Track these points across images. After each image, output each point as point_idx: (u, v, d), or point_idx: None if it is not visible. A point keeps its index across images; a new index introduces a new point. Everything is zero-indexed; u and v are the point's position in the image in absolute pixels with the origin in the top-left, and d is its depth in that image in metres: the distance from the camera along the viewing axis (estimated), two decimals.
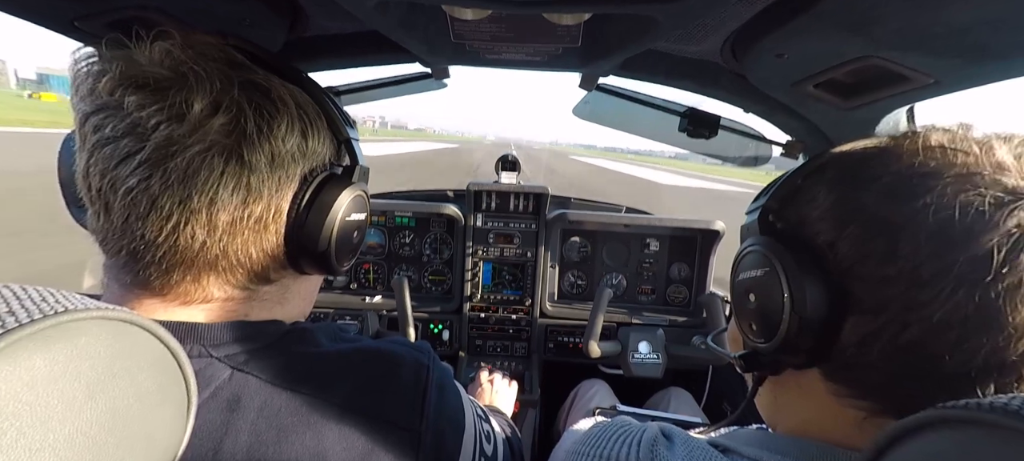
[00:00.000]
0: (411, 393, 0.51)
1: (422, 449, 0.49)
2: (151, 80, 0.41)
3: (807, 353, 0.40)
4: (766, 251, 0.42)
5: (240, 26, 0.69)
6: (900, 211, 0.35)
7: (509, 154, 1.75)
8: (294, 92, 0.48)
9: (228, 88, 0.43)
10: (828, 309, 0.38)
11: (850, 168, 0.40)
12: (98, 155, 0.42)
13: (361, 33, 0.87)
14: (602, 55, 0.80)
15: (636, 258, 1.81)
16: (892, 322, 0.35)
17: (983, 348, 0.32)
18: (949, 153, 0.35)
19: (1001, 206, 0.32)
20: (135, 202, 0.42)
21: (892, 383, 0.37)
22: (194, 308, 0.47)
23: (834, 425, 0.41)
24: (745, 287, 0.46)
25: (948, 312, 0.32)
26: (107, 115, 0.41)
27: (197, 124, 0.41)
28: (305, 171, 0.49)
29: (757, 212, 0.46)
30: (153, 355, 0.32)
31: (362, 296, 1.73)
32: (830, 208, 0.39)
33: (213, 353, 0.45)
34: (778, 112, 0.94)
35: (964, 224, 0.32)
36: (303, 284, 0.57)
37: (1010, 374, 0.32)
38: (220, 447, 0.42)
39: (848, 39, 0.61)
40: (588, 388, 1.44)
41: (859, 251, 0.37)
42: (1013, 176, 0.33)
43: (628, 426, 0.51)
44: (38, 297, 0.27)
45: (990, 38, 0.53)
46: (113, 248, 0.45)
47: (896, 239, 0.34)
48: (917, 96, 0.70)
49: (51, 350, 0.26)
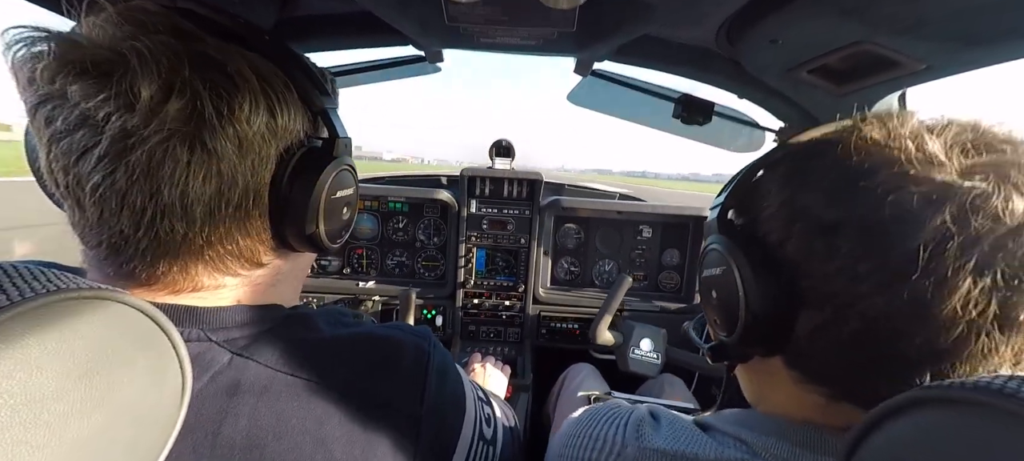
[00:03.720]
0: (411, 377, 0.51)
1: (422, 432, 0.49)
2: (90, 64, 0.37)
3: (765, 345, 0.43)
4: (723, 250, 0.44)
5: (230, 3, 0.68)
6: (838, 211, 0.37)
7: (503, 140, 1.74)
8: (256, 62, 0.43)
9: (178, 67, 0.38)
10: (780, 304, 0.40)
11: (797, 166, 0.42)
12: (56, 150, 0.39)
13: (354, 13, 0.86)
14: (597, 40, 0.80)
15: (629, 245, 1.82)
16: (837, 315, 0.37)
17: (917, 337, 0.34)
18: (883, 149, 0.37)
19: (929, 203, 0.33)
20: (104, 198, 0.39)
21: (843, 371, 0.39)
22: (184, 297, 0.45)
23: (801, 407, 0.43)
24: (708, 284, 0.48)
25: (883, 306, 0.34)
26: (54, 106, 0.38)
27: (150, 112, 0.37)
28: (280, 150, 0.45)
29: (718, 209, 0.48)
30: (147, 336, 0.31)
31: (355, 280, 1.73)
32: (779, 208, 0.41)
33: (212, 337, 0.44)
34: (772, 98, 0.94)
35: (895, 222, 0.34)
36: (295, 262, 0.55)
37: (944, 361, 0.34)
38: (219, 432, 0.41)
39: (841, 24, 0.61)
40: (577, 372, 1.45)
41: (804, 249, 0.39)
42: (945, 170, 0.34)
43: (618, 408, 0.53)
44: (30, 276, 0.27)
45: (980, 23, 0.53)
46: (92, 241, 0.43)
47: (835, 237, 0.36)
48: (909, 81, 0.71)
49: (43, 329, 0.25)
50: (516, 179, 1.69)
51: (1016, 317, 0.33)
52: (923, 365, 0.35)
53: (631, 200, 1.83)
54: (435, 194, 1.70)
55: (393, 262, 1.81)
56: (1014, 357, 0.34)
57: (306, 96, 0.47)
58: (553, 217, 1.77)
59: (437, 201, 1.73)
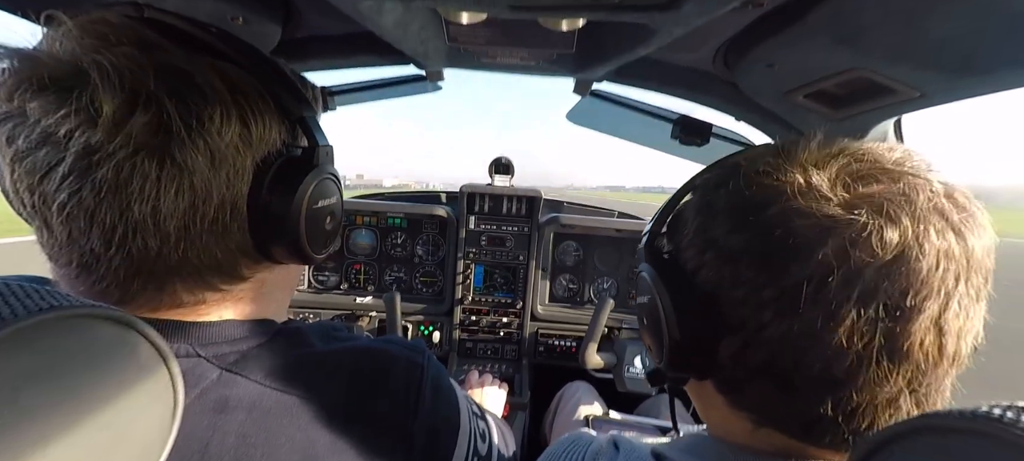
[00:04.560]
0: (404, 392, 0.50)
1: (415, 448, 0.48)
2: (49, 80, 0.35)
3: (692, 370, 0.43)
4: (648, 278, 0.45)
5: (231, 25, 0.69)
6: (739, 240, 0.38)
7: (503, 157, 1.75)
8: (227, 71, 0.41)
9: (142, 79, 0.37)
10: (700, 331, 0.40)
11: (706, 196, 0.43)
12: (19, 170, 0.38)
13: (355, 33, 0.87)
14: (596, 61, 0.81)
15: (628, 263, 1.81)
16: (748, 342, 0.37)
17: (815, 365, 0.34)
18: (774, 181, 0.37)
19: (814, 237, 0.34)
20: (72, 217, 0.38)
21: (760, 396, 0.40)
22: (164, 313, 0.44)
23: (735, 430, 0.43)
24: (640, 311, 0.49)
25: (782, 335, 0.35)
26: (15, 124, 0.37)
27: (114, 127, 0.36)
28: (257, 160, 0.43)
29: (647, 237, 0.48)
30: (140, 354, 0.31)
31: (353, 296, 1.72)
32: (693, 236, 0.42)
33: (201, 352, 0.44)
34: (769, 121, 0.95)
35: (783, 253, 0.35)
36: (280, 274, 0.53)
37: (842, 389, 0.35)
38: (207, 449, 0.40)
39: (837, 51, 0.62)
40: (573, 391, 1.44)
41: (716, 277, 0.39)
42: (829, 203, 0.35)
43: (579, 438, 0.54)
44: (23, 294, 0.27)
45: (973, 52, 0.54)
46: (62, 260, 0.41)
47: (739, 265, 0.37)
48: (904, 108, 0.72)
49: (36, 347, 0.25)
50: (515, 196, 1.69)
51: (900, 346, 0.33)
52: (825, 391, 0.35)
53: (631, 218, 1.84)
54: (434, 210, 1.71)
55: (391, 278, 1.80)
56: (908, 385, 0.35)
57: (283, 104, 0.45)
58: (552, 234, 1.77)
59: (436, 217, 1.73)
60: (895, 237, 0.32)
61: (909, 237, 0.32)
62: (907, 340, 0.33)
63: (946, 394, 0.37)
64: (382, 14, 0.61)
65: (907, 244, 0.32)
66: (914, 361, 0.34)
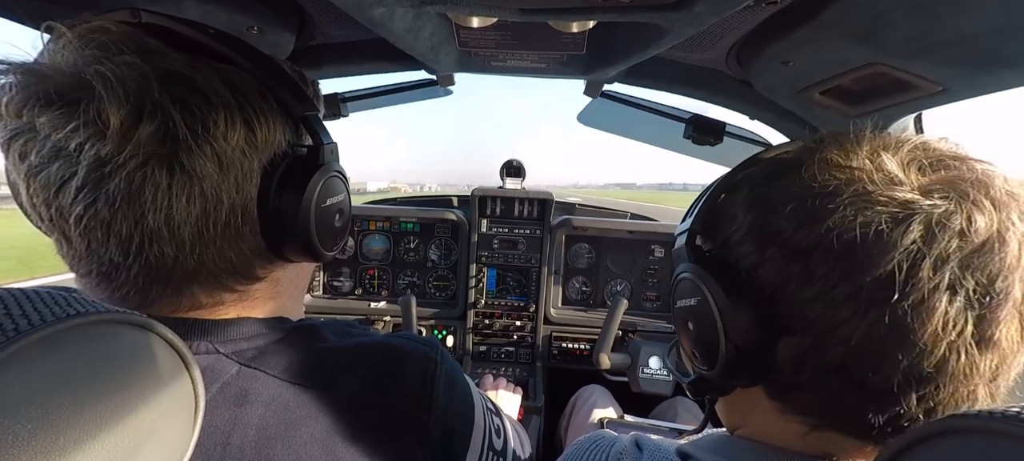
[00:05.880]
0: (418, 387, 0.50)
1: (431, 442, 0.49)
2: (55, 94, 0.36)
3: (748, 376, 0.41)
4: (696, 279, 0.42)
5: (246, 34, 0.70)
6: (809, 234, 0.35)
7: (514, 160, 1.75)
8: (229, 75, 0.42)
9: (146, 88, 0.37)
10: (760, 333, 0.38)
11: (761, 188, 0.41)
12: (34, 185, 0.38)
13: (368, 40, 0.88)
14: (607, 62, 0.80)
15: (641, 265, 1.80)
16: (818, 343, 0.35)
17: (901, 364, 0.33)
18: (843, 169, 0.36)
19: (897, 223, 0.32)
20: (89, 229, 0.38)
21: (828, 399, 0.38)
22: (183, 314, 0.45)
23: (781, 434, 0.42)
24: (682, 316, 0.46)
25: (864, 332, 0.33)
26: (26, 140, 0.37)
27: (122, 138, 0.36)
28: (263, 163, 0.44)
29: (685, 236, 0.46)
30: (161, 356, 0.32)
31: (367, 301, 1.73)
32: (749, 230, 0.40)
33: (220, 349, 0.45)
34: (784, 119, 0.94)
35: (866, 245, 0.33)
36: (294, 271, 0.54)
37: (928, 385, 0.33)
38: (228, 442, 0.41)
39: (854, 46, 0.61)
40: (588, 394, 1.43)
41: (780, 274, 0.37)
42: (905, 188, 0.34)
43: (602, 438, 0.53)
44: (50, 300, 0.28)
45: (1000, 45, 0.53)
46: (82, 270, 0.42)
47: (809, 262, 0.35)
48: (924, 104, 0.70)
49: (61, 353, 0.26)
50: (527, 198, 1.69)
51: (991, 335, 0.32)
52: (908, 390, 0.34)
53: (643, 220, 1.82)
54: (446, 214, 1.71)
55: (404, 282, 1.81)
56: (991, 374, 0.34)
57: (285, 104, 0.45)
58: (564, 236, 1.76)
59: (448, 221, 1.74)
60: (983, 222, 0.32)
61: (996, 222, 0.32)
62: (996, 327, 0.32)
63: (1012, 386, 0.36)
64: (393, 20, 0.62)
65: (997, 229, 0.32)
66: (1001, 349, 0.33)
